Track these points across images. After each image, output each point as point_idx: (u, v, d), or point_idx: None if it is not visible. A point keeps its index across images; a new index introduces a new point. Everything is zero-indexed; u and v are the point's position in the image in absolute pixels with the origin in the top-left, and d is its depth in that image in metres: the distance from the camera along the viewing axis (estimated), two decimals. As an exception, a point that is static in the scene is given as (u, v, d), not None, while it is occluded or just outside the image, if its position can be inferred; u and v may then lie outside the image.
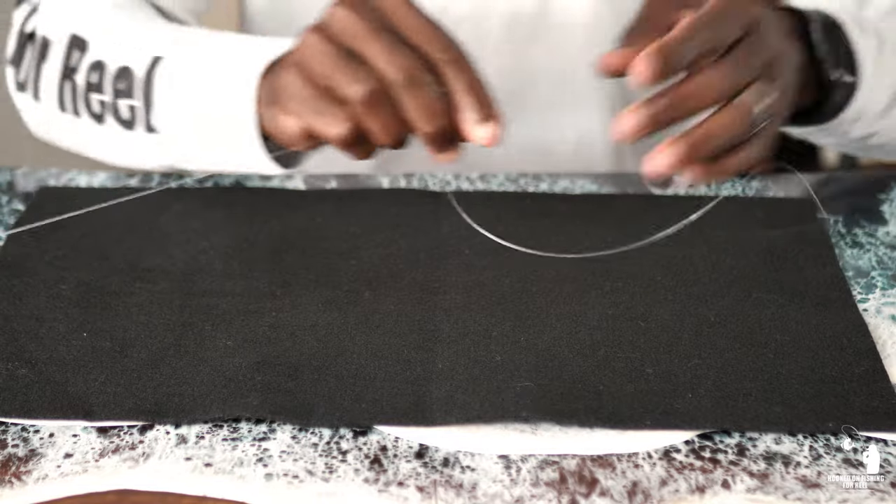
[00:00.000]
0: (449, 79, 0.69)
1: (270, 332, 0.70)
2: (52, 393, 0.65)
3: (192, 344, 0.69)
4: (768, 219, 0.81)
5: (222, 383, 0.66)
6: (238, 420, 0.64)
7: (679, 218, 0.82)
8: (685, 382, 0.66)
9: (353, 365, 0.67)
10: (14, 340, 0.70)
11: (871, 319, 0.72)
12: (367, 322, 0.71)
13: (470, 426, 0.63)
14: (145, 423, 0.64)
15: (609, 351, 0.68)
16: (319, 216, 0.82)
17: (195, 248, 0.78)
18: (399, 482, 0.60)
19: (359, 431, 0.63)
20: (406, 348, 0.69)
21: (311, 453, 0.62)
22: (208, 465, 0.61)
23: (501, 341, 0.69)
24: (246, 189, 0.87)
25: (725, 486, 0.59)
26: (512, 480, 0.60)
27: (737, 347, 0.68)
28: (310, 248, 0.78)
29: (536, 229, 0.79)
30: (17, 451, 0.62)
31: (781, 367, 0.67)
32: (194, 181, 0.87)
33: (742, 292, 0.73)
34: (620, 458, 0.61)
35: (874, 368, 0.67)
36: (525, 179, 0.90)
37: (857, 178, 0.95)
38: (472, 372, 0.66)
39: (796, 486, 0.59)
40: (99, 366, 0.67)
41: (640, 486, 0.59)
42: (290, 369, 0.67)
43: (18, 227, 0.81)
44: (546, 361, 0.67)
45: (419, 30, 0.69)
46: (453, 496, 0.59)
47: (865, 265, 0.78)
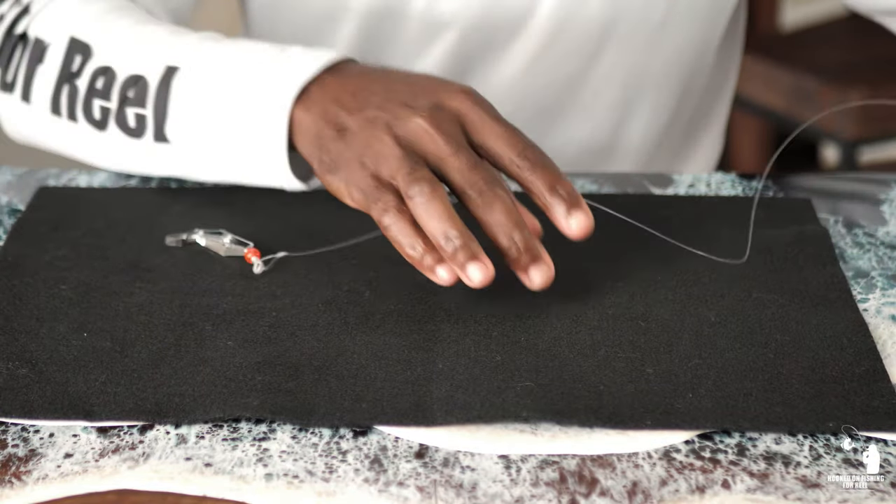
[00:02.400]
0: (530, 182, 0.70)
1: (271, 332, 0.70)
2: (52, 393, 0.65)
3: (193, 344, 0.69)
4: (768, 219, 0.81)
5: (222, 383, 0.66)
6: (238, 420, 0.64)
7: (679, 217, 0.82)
8: (685, 382, 0.66)
9: (354, 365, 0.67)
10: (14, 340, 0.70)
11: (871, 319, 0.72)
12: (368, 322, 0.71)
13: (470, 426, 0.63)
14: (145, 423, 0.64)
15: (609, 351, 0.68)
16: (319, 216, 0.82)
17: (195, 247, 0.79)
18: (399, 482, 0.60)
19: (359, 431, 0.63)
20: (406, 348, 0.69)
21: (311, 453, 0.62)
22: (208, 465, 0.61)
23: (501, 341, 0.69)
24: (246, 189, 0.87)
25: (725, 486, 0.59)
26: (512, 480, 0.60)
27: (737, 347, 0.68)
28: (310, 248, 0.78)
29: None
30: (17, 451, 0.62)
31: (782, 367, 0.67)
32: (194, 181, 0.87)
33: (742, 292, 0.73)
34: (620, 458, 0.61)
35: (874, 368, 0.67)
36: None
37: (857, 178, 0.95)
38: (473, 372, 0.66)
39: (796, 486, 0.59)
40: (99, 366, 0.67)
41: (640, 486, 0.59)
42: (290, 369, 0.67)
43: (19, 227, 0.81)
44: (546, 361, 0.67)
45: (499, 136, 0.71)
46: (453, 496, 0.59)
47: (865, 265, 0.78)
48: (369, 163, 0.72)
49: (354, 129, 0.73)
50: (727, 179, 0.87)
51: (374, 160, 0.71)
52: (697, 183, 0.87)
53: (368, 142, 0.72)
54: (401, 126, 0.72)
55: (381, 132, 0.72)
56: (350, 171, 0.72)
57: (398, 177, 0.70)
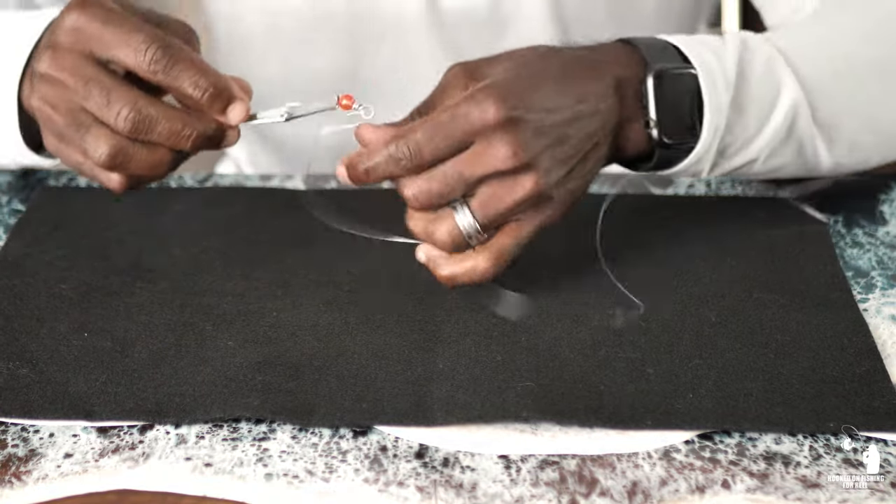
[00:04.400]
0: (171, 86, 0.68)
1: (271, 332, 0.70)
2: (52, 393, 0.65)
3: (193, 344, 0.69)
4: (769, 219, 0.81)
5: (223, 383, 0.66)
6: (238, 420, 0.64)
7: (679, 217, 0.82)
8: (686, 382, 0.66)
9: (354, 365, 0.67)
10: (15, 340, 0.70)
11: (871, 319, 0.72)
12: (368, 322, 0.71)
13: (470, 426, 0.63)
14: (145, 423, 0.64)
15: (609, 351, 0.68)
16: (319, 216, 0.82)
17: (195, 248, 0.79)
18: (399, 482, 0.60)
19: (359, 431, 0.63)
20: (407, 348, 0.69)
21: (311, 453, 0.62)
22: (208, 465, 0.61)
23: (502, 341, 0.69)
24: (246, 189, 0.87)
25: (725, 486, 0.59)
26: (512, 480, 0.60)
27: (737, 347, 0.68)
28: (310, 247, 0.78)
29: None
30: (17, 451, 0.62)
31: (782, 367, 0.67)
32: (194, 181, 0.87)
33: (743, 292, 0.73)
34: (620, 458, 0.61)
35: (874, 368, 0.67)
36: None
37: (857, 178, 0.95)
38: (473, 372, 0.66)
39: (796, 486, 0.59)
40: (100, 366, 0.67)
41: (640, 486, 0.59)
42: (290, 369, 0.67)
43: (19, 226, 0.81)
44: (546, 361, 0.67)
45: (121, 45, 0.68)
46: (453, 496, 0.59)
47: (865, 265, 0.78)
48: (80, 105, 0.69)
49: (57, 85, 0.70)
50: (727, 179, 0.87)
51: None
52: (697, 183, 0.87)
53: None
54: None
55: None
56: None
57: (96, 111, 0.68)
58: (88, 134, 0.68)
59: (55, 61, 0.69)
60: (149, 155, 0.69)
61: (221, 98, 0.69)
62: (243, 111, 0.69)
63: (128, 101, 0.67)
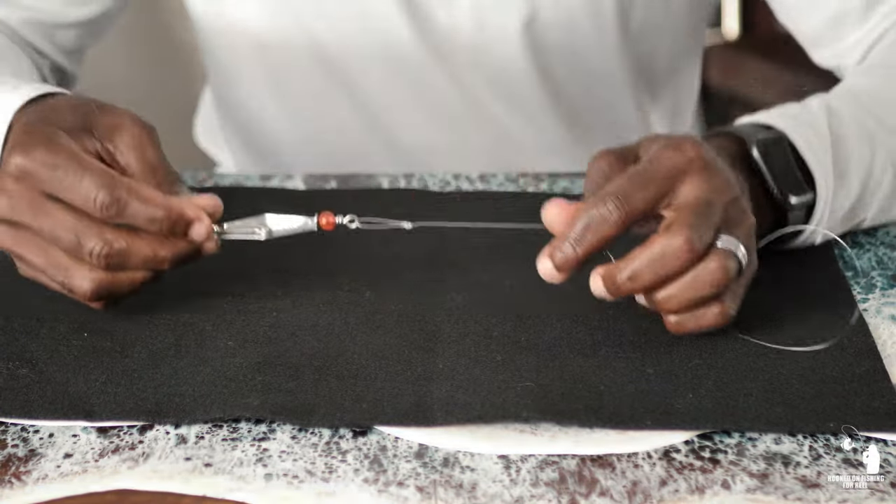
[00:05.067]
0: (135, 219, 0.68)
1: (271, 332, 0.70)
2: (52, 393, 0.65)
3: (193, 344, 0.69)
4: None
5: (223, 383, 0.66)
6: (238, 420, 0.64)
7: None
8: (686, 382, 0.66)
9: (354, 365, 0.67)
10: (14, 340, 0.70)
11: (871, 319, 0.72)
12: (368, 322, 0.71)
13: (470, 426, 0.63)
14: (145, 423, 0.64)
15: (610, 351, 0.68)
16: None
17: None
18: (399, 482, 0.60)
19: (359, 431, 0.63)
20: (407, 348, 0.69)
21: (310, 453, 0.62)
22: (208, 465, 0.61)
23: (502, 341, 0.69)
24: (246, 189, 0.87)
25: (725, 487, 0.59)
26: (512, 480, 0.60)
27: (737, 347, 0.68)
28: (310, 247, 0.78)
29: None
30: (17, 451, 0.62)
31: (782, 367, 0.67)
32: (194, 181, 0.87)
33: (742, 292, 0.73)
34: (620, 458, 0.61)
35: (874, 368, 0.67)
36: (525, 179, 0.90)
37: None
38: (473, 372, 0.66)
39: (796, 486, 0.59)
40: (99, 366, 0.67)
41: (639, 486, 0.59)
42: (290, 369, 0.67)
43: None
44: (546, 361, 0.67)
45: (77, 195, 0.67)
46: (453, 496, 0.59)
47: (865, 265, 0.78)
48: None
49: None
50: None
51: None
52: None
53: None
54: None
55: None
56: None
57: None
58: (69, 274, 0.69)
59: (12, 208, 0.68)
60: (130, 279, 0.69)
61: (180, 223, 0.69)
62: (204, 229, 0.70)
63: (97, 238, 0.67)
